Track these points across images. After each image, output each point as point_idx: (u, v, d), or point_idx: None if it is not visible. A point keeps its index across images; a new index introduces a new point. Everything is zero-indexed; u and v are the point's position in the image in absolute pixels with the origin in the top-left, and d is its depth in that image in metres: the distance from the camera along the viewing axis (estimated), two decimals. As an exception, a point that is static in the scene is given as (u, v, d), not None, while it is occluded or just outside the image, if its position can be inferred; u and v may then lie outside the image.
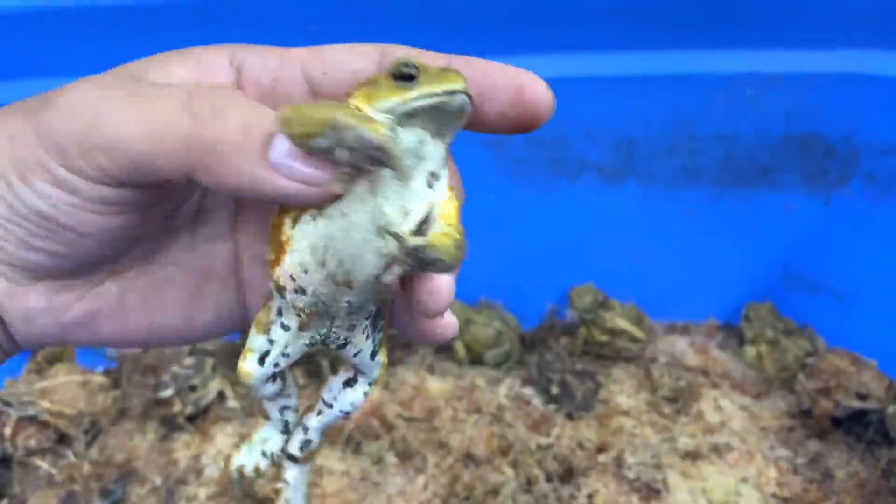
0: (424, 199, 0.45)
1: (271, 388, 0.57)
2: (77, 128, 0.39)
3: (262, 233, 0.55)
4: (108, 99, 0.39)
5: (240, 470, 0.62)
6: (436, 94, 0.41)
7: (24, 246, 0.43)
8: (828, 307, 1.67)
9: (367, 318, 0.53)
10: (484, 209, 1.61)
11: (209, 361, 1.60)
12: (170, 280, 0.54)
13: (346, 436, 1.51)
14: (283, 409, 0.60)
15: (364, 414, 1.55)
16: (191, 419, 1.58)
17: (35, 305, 0.47)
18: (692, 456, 1.47)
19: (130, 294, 0.52)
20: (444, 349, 1.73)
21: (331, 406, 0.59)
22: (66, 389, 1.53)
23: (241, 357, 0.53)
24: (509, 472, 1.44)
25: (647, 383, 1.64)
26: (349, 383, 0.59)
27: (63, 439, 1.53)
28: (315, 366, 1.69)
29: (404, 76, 0.42)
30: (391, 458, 1.47)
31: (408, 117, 0.42)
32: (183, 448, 1.52)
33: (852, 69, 1.47)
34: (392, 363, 1.68)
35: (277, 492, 0.64)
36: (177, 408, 1.54)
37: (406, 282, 0.47)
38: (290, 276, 0.46)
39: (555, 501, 1.39)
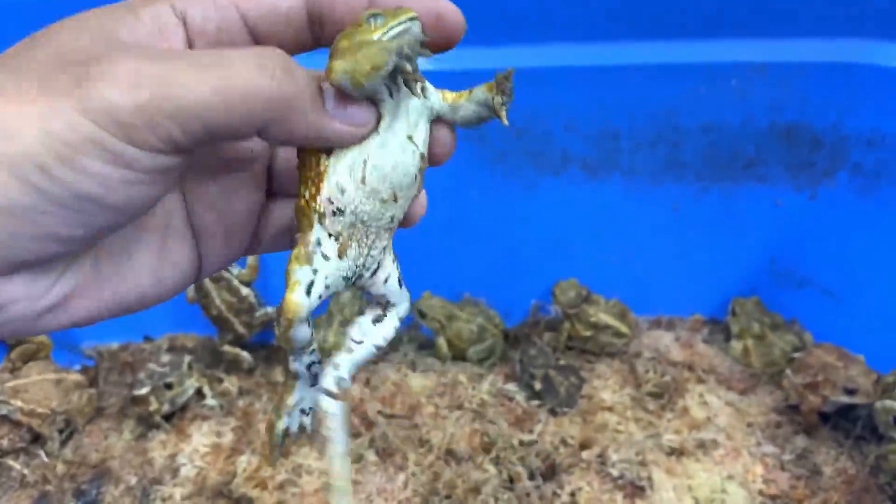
0: (428, 99, 0.52)
1: (307, 331, 0.57)
2: (144, 99, 0.39)
3: (202, 174, 0.56)
4: (172, 69, 0.40)
5: (285, 432, 0.62)
6: (402, 23, 0.46)
7: (31, 238, 0.41)
8: (815, 301, 1.64)
9: (390, 240, 0.57)
10: (465, 204, 1.59)
11: (186, 359, 1.57)
12: (137, 241, 0.53)
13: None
14: (310, 364, 0.61)
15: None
16: (168, 417, 1.55)
17: (8, 297, 0.44)
18: (677, 453, 1.45)
19: (104, 265, 0.50)
20: (426, 345, 1.71)
21: (361, 343, 0.59)
22: (39, 388, 1.50)
23: (289, 290, 0.53)
24: (491, 469, 1.41)
25: (632, 379, 1.61)
26: (378, 319, 0.60)
27: (37, 439, 1.50)
28: (295, 363, 1.66)
29: (375, 16, 0.47)
30: (371, 456, 1.44)
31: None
32: (159, 447, 1.50)
33: (839, 58, 1.45)
34: (373, 361, 1.65)
35: (321, 423, 0.60)
36: (153, 406, 1.51)
37: None
38: (329, 199, 0.51)
39: (537, 500, 1.37)
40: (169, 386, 1.52)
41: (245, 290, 1.64)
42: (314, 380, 0.62)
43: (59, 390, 1.51)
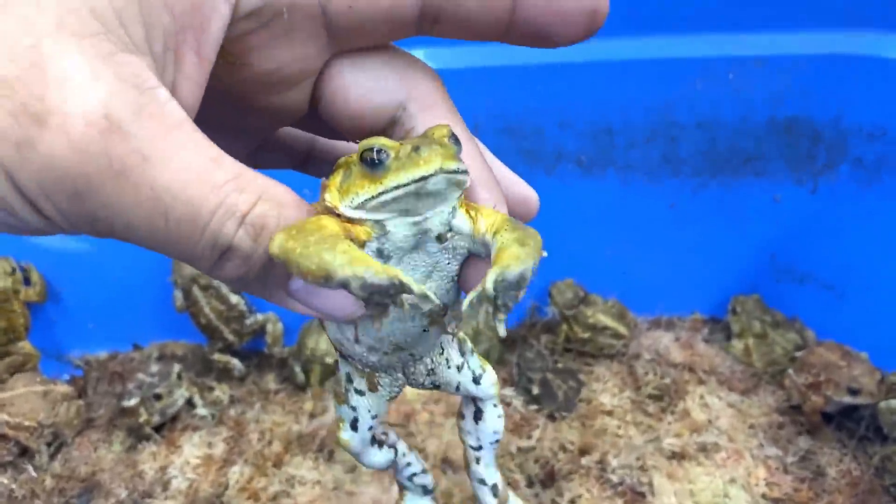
0: (440, 263, 0.44)
1: (381, 456, 0.58)
2: (76, 198, 0.37)
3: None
4: (123, 180, 0.36)
5: None
6: (403, 185, 0.39)
7: None
8: (817, 298, 1.61)
9: (440, 354, 0.52)
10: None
11: (175, 368, 1.54)
12: None
13: (319, 444, 1.45)
14: (410, 477, 0.62)
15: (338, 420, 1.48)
16: (158, 428, 1.52)
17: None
18: (678, 456, 1.42)
19: None
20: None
21: (481, 448, 0.59)
22: (25, 401, 1.47)
23: (337, 430, 0.56)
24: (488, 477, 1.38)
25: (631, 381, 1.58)
26: (478, 416, 0.58)
27: (24, 453, 1.47)
28: (288, 370, 1.63)
29: (372, 163, 0.39)
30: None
31: (385, 206, 0.40)
32: (149, 459, 1.47)
33: (838, 50, 1.42)
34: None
35: None
36: (143, 417, 1.48)
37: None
38: (334, 344, 0.49)
39: (536, 507, 1.34)
40: (158, 396, 1.49)
41: (235, 298, 1.61)
42: (424, 490, 0.63)
43: (46, 402, 1.48)
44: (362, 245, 0.41)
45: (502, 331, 0.40)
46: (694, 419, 1.49)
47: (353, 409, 0.54)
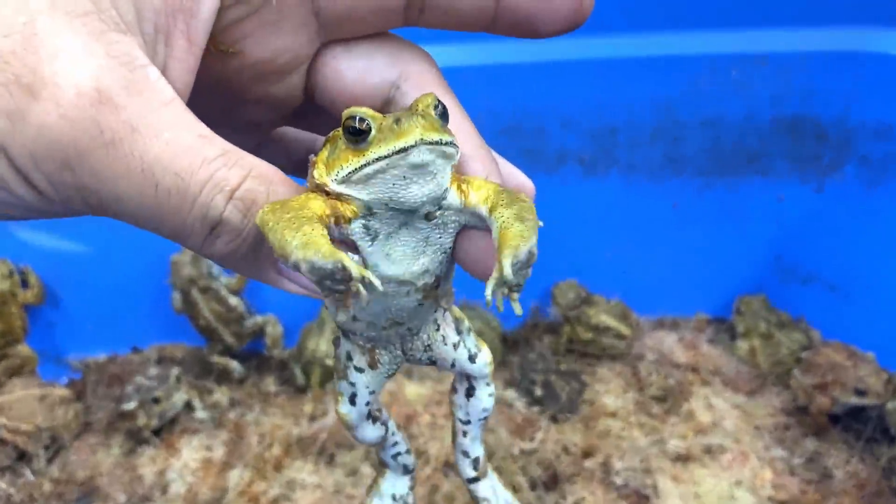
0: (430, 239, 0.44)
1: (373, 431, 0.59)
2: (68, 168, 0.38)
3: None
4: (126, 161, 0.37)
5: None
6: (384, 157, 0.39)
7: None
8: (822, 298, 1.60)
9: (436, 330, 0.53)
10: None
11: (174, 371, 1.53)
12: None
13: (320, 447, 1.43)
14: (395, 455, 0.63)
15: (338, 423, 1.47)
16: (157, 431, 1.50)
17: None
18: (683, 458, 1.40)
19: None
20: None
21: (469, 422, 0.62)
22: (23, 404, 1.45)
23: (336, 403, 0.57)
24: (491, 480, 1.37)
25: (635, 382, 1.57)
26: (470, 392, 0.60)
27: (23, 457, 1.45)
28: (288, 372, 1.61)
29: (355, 132, 0.39)
30: (366, 469, 1.40)
31: (370, 179, 0.40)
32: (148, 463, 1.45)
33: (843, 47, 1.40)
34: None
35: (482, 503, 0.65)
36: (141, 421, 1.46)
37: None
38: (336, 319, 0.50)
39: (539, 511, 1.32)
40: (157, 400, 1.47)
41: (234, 300, 1.59)
42: (405, 469, 0.65)
43: (44, 406, 1.47)
44: (347, 220, 0.41)
45: (518, 309, 0.40)
46: (699, 420, 1.48)
47: (352, 384, 0.55)
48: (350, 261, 0.36)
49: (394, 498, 0.65)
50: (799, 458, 1.41)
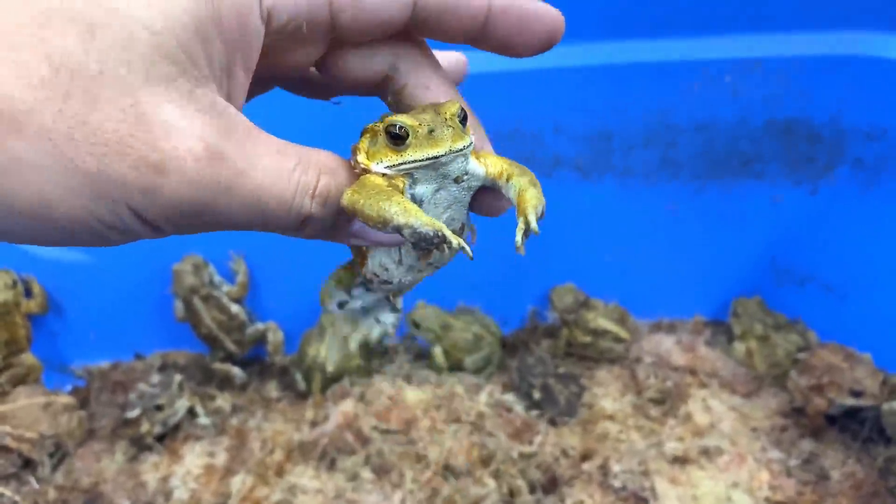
0: (457, 197, 0.53)
1: (368, 297, 0.65)
2: (186, 214, 0.44)
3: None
4: (218, 182, 0.43)
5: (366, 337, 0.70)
6: (420, 161, 0.48)
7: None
8: (819, 300, 1.61)
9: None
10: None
11: (176, 378, 1.54)
12: None
13: (321, 452, 1.45)
14: (341, 304, 0.68)
15: (339, 428, 1.49)
16: (160, 438, 1.52)
17: None
18: (681, 461, 1.41)
19: None
20: (421, 356, 1.67)
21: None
22: (27, 413, 1.47)
23: (321, 299, 0.63)
24: (491, 483, 1.38)
25: (633, 385, 1.58)
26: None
27: (28, 464, 1.47)
28: (289, 378, 1.63)
29: (395, 137, 0.48)
30: (367, 474, 1.41)
31: (407, 171, 0.50)
32: (152, 469, 1.47)
33: (836, 51, 1.41)
34: (368, 373, 1.62)
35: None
36: (145, 428, 1.48)
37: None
38: (374, 273, 0.57)
39: (538, 514, 1.33)
40: (160, 407, 1.49)
41: (235, 308, 1.61)
42: (393, 307, 0.68)
43: (48, 414, 1.48)
44: (401, 191, 0.50)
45: (531, 235, 0.50)
46: (696, 423, 1.49)
47: (350, 296, 0.63)
48: (447, 230, 0.45)
49: (376, 321, 0.70)
50: (796, 459, 1.42)
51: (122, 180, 0.40)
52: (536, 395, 1.52)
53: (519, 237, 0.49)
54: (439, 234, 0.44)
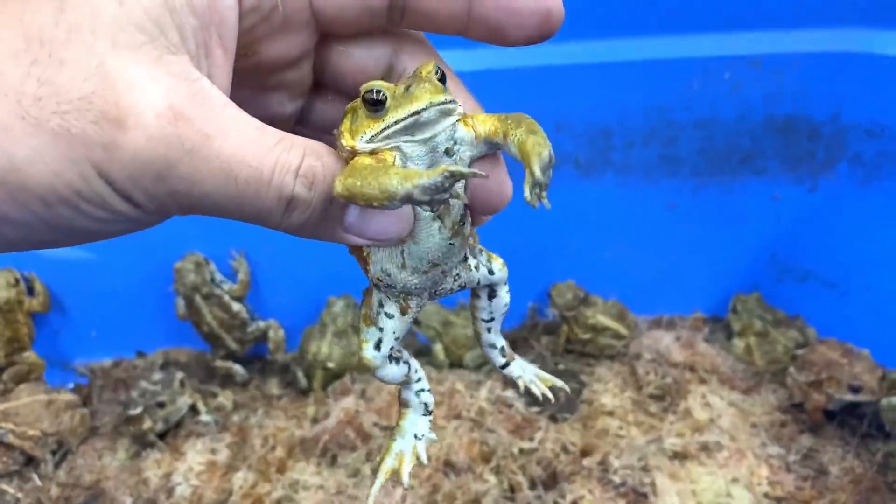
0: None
1: (397, 370, 0.63)
2: (161, 178, 0.43)
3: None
4: (198, 151, 0.43)
5: (399, 457, 0.67)
6: (402, 119, 0.46)
7: (24, 240, 0.46)
8: (818, 296, 1.61)
9: (464, 262, 0.59)
10: (457, 207, 1.56)
11: (178, 376, 1.55)
12: None
13: (322, 448, 1.45)
14: (418, 392, 0.66)
15: (340, 424, 1.49)
16: (162, 435, 1.53)
17: None
18: (680, 457, 1.42)
19: None
20: (422, 353, 1.68)
21: (493, 319, 0.66)
22: (29, 410, 1.48)
23: (359, 347, 0.60)
24: (491, 479, 1.39)
25: (633, 381, 1.58)
26: (492, 295, 0.64)
27: (30, 461, 1.48)
28: (290, 375, 1.63)
29: (373, 103, 0.47)
30: (368, 470, 1.42)
31: (391, 137, 0.48)
32: (153, 466, 1.47)
33: (834, 48, 1.41)
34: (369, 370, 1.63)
35: (520, 381, 0.72)
36: (146, 425, 1.49)
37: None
38: (378, 277, 0.55)
39: (538, 509, 1.34)
40: (161, 404, 1.50)
41: (237, 306, 1.61)
42: (425, 409, 0.68)
43: (50, 411, 1.49)
44: (392, 165, 0.49)
45: (548, 204, 0.47)
46: (696, 419, 1.50)
47: (381, 330, 0.60)
48: (451, 165, 0.43)
49: (416, 437, 0.68)
50: (795, 454, 1.42)
51: (84, 137, 0.41)
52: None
53: (527, 190, 0.46)
54: (447, 174, 0.42)
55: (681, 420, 1.50)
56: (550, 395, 0.72)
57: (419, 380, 0.67)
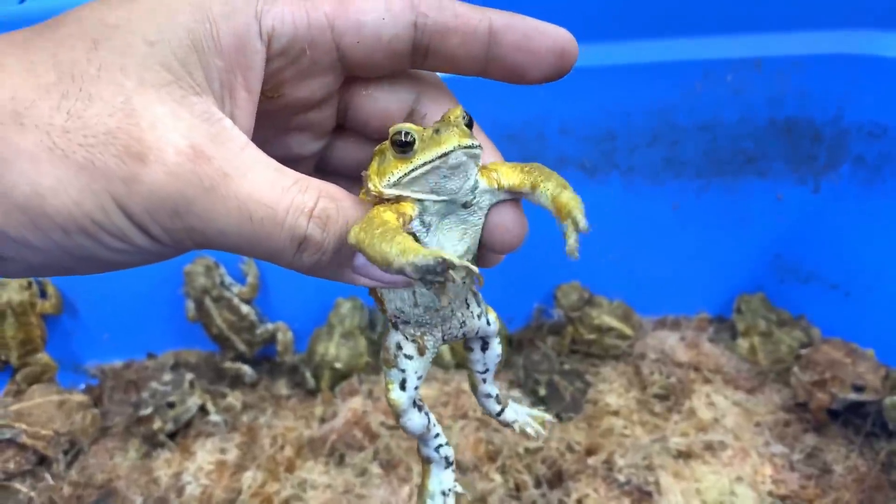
0: (469, 221, 0.54)
1: (419, 419, 0.64)
2: (177, 215, 0.45)
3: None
4: (211, 191, 0.44)
5: None
6: (429, 161, 0.48)
7: (42, 266, 0.48)
8: (821, 296, 1.62)
9: (468, 307, 0.61)
10: (463, 209, 1.58)
11: (188, 376, 1.57)
12: None
13: (330, 448, 1.47)
14: (437, 447, 0.68)
15: (348, 424, 1.51)
16: (172, 435, 1.55)
17: None
18: (685, 455, 1.43)
19: None
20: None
21: (487, 370, 0.70)
22: (42, 410, 1.50)
23: (386, 391, 0.63)
24: (497, 478, 1.40)
25: (637, 381, 1.60)
26: (485, 347, 0.68)
27: (43, 461, 1.50)
28: (299, 376, 1.65)
29: (402, 144, 0.48)
30: (375, 469, 1.43)
31: (416, 180, 0.49)
32: (164, 466, 1.49)
33: (837, 50, 1.43)
34: (375, 370, 1.65)
35: (513, 424, 0.75)
36: (157, 425, 1.51)
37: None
38: (393, 315, 0.58)
39: (544, 508, 1.35)
40: (172, 405, 1.52)
41: (245, 308, 1.63)
42: (447, 462, 0.69)
43: (62, 412, 1.51)
44: (410, 219, 0.50)
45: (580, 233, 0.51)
46: (700, 418, 1.51)
47: (403, 371, 0.61)
48: (447, 253, 0.44)
49: (444, 493, 0.69)
50: (799, 453, 1.43)
51: (106, 169, 0.42)
52: (542, 391, 1.54)
53: (572, 240, 0.49)
54: (439, 260, 0.42)
55: (685, 419, 1.51)
56: (543, 432, 0.75)
57: (437, 435, 0.68)
